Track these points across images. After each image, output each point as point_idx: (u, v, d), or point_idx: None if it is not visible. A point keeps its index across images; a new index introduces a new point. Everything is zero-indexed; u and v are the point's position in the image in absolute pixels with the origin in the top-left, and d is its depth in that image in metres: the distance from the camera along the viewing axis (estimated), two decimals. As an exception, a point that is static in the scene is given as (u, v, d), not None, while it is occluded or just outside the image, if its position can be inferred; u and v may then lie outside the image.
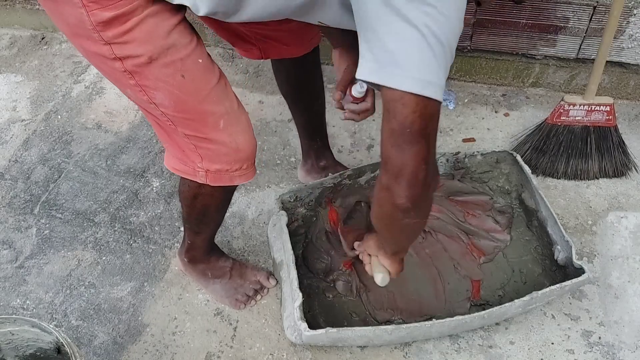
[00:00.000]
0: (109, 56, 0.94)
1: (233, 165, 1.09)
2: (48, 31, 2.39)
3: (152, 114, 1.06)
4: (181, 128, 1.04)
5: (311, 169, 1.67)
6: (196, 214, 1.25)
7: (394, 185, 0.87)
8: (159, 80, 0.96)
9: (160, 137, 1.14)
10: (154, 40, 0.93)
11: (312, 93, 1.50)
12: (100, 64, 0.98)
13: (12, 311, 1.47)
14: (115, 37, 0.91)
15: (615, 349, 1.33)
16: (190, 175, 1.12)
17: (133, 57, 0.93)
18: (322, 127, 1.62)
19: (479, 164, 1.58)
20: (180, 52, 0.96)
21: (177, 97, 0.98)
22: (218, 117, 1.03)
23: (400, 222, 0.93)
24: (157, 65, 0.95)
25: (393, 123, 0.82)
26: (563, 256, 1.36)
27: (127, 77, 0.97)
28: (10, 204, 1.73)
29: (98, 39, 0.91)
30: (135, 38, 0.92)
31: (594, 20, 1.73)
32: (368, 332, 1.22)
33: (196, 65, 0.99)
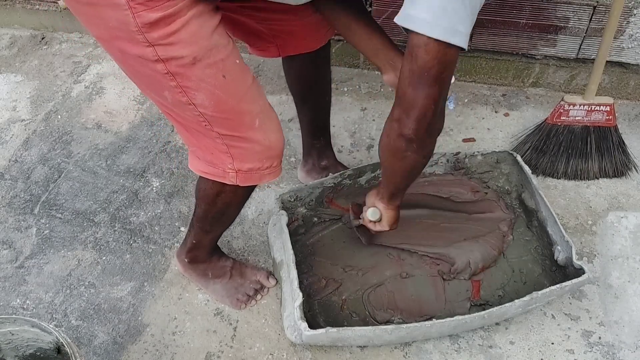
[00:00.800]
0: (152, 58, 0.93)
1: (264, 163, 1.11)
2: (48, 31, 2.39)
3: (183, 117, 1.05)
4: (217, 128, 1.04)
5: (312, 169, 1.67)
6: (215, 211, 1.25)
7: (404, 117, 0.97)
8: (202, 81, 0.97)
9: (187, 141, 1.14)
10: (199, 41, 0.94)
11: (321, 89, 1.52)
12: (140, 66, 0.98)
13: (12, 311, 1.47)
14: (160, 38, 0.91)
15: (615, 349, 1.33)
16: (219, 177, 1.13)
17: (177, 58, 0.94)
18: (327, 125, 1.62)
19: (479, 164, 1.58)
20: (221, 52, 0.98)
21: (218, 97, 1.00)
22: (254, 116, 1.06)
23: (402, 152, 1.03)
24: (201, 66, 0.96)
25: (414, 65, 0.91)
26: (563, 256, 1.36)
27: (169, 79, 0.97)
28: (10, 204, 1.73)
29: (142, 41, 0.91)
30: (181, 39, 0.92)
31: (594, 20, 1.73)
32: (368, 332, 1.22)
33: (235, 66, 1.01)
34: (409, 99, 0.95)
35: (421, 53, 0.89)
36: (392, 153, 1.06)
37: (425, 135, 1.00)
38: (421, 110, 0.95)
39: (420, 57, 0.89)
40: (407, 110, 0.96)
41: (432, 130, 1.00)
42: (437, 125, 1.01)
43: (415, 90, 0.93)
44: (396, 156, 1.06)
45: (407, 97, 0.95)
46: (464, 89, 2.01)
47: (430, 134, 1.01)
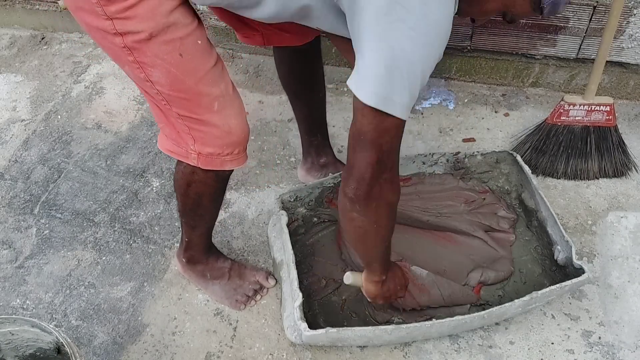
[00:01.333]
0: (110, 31, 0.95)
1: (224, 149, 1.11)
2: (48, 31, 2.39)
3: (148, 93, 1.06)
4: (175, 108, 1.05)
5: (311, 168, 1.67)
6: (190, 203, 1.25)
7: (346, 177, 0.99)
8: (157, 57, 0.98)
9: (156, 118, 1.15)
10: (156, 17, 0.94)
11: (314, 85, 1.52)
12: (101, 39, 0.99)
13: (12, 311, 1.46)
14: (117, 12, 0.92)
15: (615, 349, 1.33)
16: (183, 157, 1.14)
17: (133, 33, 0.95)
18: (323, 122, 1.62)
19: (479, 164, 1.58)
20: (181, 31, 0.98)
21: (174, 76, 1.00)
22: (213, 99, 1.05)
23: (349, 213, 1.02)
24: (157, 42, 0.96)
25: (353, 128, 0.94)
26: (563, 256, 1.36)
27: (126, 53, 0.98)
28: (10, 204, 1.73)
29: (101, 14, 0.93)
30: (137, 14, 0.93)
31: (594, 20, 1.73)
32: (368, 332, 1.22)
33: (195, 46, 1.01)
34: (350, 159, 0.96)
35: (359, 116, 0.90)
36: (342, 214, 1.05)
37: (366, 198, 0.97)
38: (358, 172, 0.95)
39: (358, 121, 0.91)
40: (348, 170, 0.97)
41: (374, 195, 0.97)
42: (379, 191, 0.97)
43: (354, 151, 0.95)
44: (345, 217, 1.04)
45: (349, 157, 0.97)
46: (464, 89, 2.01)
47: (372, 199, 0.98)
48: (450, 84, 2.03)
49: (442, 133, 1.85)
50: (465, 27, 1.85)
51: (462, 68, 2.00)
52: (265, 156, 1.81)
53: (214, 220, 1.37)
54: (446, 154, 1.57)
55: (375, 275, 1.18)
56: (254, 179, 1.75)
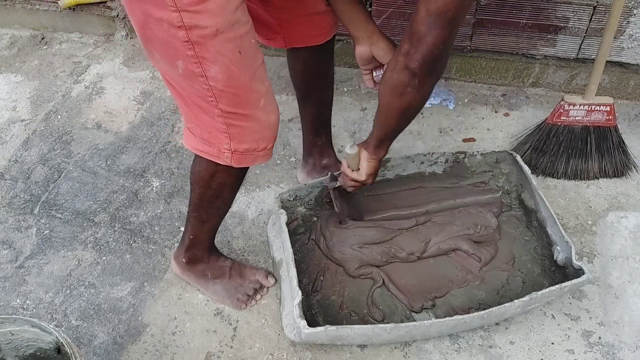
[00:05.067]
0: (176, 24, 0.94)
1: (260, 144, 1.14)
2: (48, 31, 2.39)
3: (189, 91, 1.06)
4: (222, 104, 1.06)
5: (312, 170, 1.67)
6: (210, 194, 1.26)
7: (412, 51, 1.01)
8: (219, 53, 0.98)
9: (185, 116, 1.15)
10: (224, 13, 0.95)
11: (325, 83, 1.54)
12: (160, 31, 0.97)
13: (12, 311, 1.47)
14: (189, 4, 0.92)
15: (615, 349, 1.33)
16: (214, 156, 1.15)
17: (201, 27, 0.95)
18: (329, 121, 1.63)
19: (478, 163, 1.58)
20: (242, 28, 1.00)
21: (232, 72, 1.01)
22: (260, 95, 1.08)
23: (404, 88, 1.07)
24: (222, 39, 0.97)
25: (432, 5, 0.95)
26: (563, 257, 1.36)
27: (187, 47, 0.97)
28: (10, 204, 1.73)
29: (169, 5, 0.92)
30: (208, 9, 0.93)
31: (594, 20, 1.73)
32: (367, 330, 1.22)
33: (251, 44, 1.03)
34: (420, 35, 0.98)
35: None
36: (393, 88, 1.09)
37: (429, 71, 1.04)
38: (430, 47, 0.99)
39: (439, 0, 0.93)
40: (417, 45, 1.00)
41: (436, 68, 1.05)
42: (440, 65, 1.05)
43: (429, 29, 0.97)
44: (396, 91, 1.09)
45: (419, 33, 0.99)
46: (464, 89, 2.01)
47: (433, 72, 1.05)
48: (450, 84, 2.03)
49: (442, 133, 1.85)
50: (465, 27, 1.85)
51: (462, 68, 2.00)
52: (266, 156, 1.81)
53: (225, 214, 1.38)
54: (445, 154, 1.57)
55: (382, 152, 1.27)
56: (254, 179, 1.75)
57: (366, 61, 1.25)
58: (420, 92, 1.09)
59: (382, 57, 1.22)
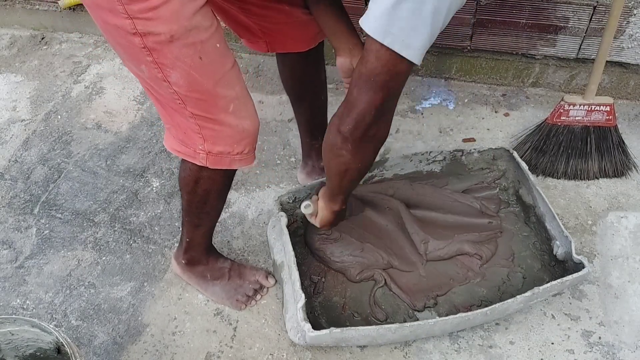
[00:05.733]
0: (130, 31, 0.94)
1: (235, 148, 1.12)
2: (48, 31, 2.39)
3: (159, 93, 1.06)
4: (190, 108, 1.05)
5: (312, 171, 1.66)
6: (197, 200, 1.25)
7: (344, 115, 0.98)
8: (178, 59, 0.97)
9: (162, 117, 1.14)
10: (179, 20, 0.94)
11: (316, 88, 1.52)
12: (119, 37, 0.98)
13: (12, 311, 1.47)
14: (140, 12, 0.91)
15: (615, 349, 1.33)
16: (190, 156, 1.14)
17: (155, 34, 0.94)
18: (324, 125, 1.61)
19: (475, 161, 1.58)
20: (202, 34, 0.97)
21: (193, 78, 1.00)
22: (229, 101, 1.06)
23: (338, 150, 1.03)
24: (178, 45, 0.95)
25: (363, 68, 0.92)
26: (562, 251, 1.36)
27: (145, 54, 0.97)
28: (10, 204, 1.73)
29: (122, 12, 0.91)
30: (161, 16, 0.92)
31: (594, 20, 1.73)
32: (372, 331, 1.22)
33: (214, 49, 1.01)
34: (353, 98, 0.96)
35: (372, 58, 0.90)
36: (329, 148, 1.06)
37: (361, 138, 0.99)
38: (360, 112, 0.96)
39: (370, 62, 0.90)
40: (349, 108, 0.97)
41: (369, 135, 1.00)
42: (375, 132, 1.00)
43: (360, 92, 0.94)
44: (332, 152, 1.06)
45: (352, 96, 0.96)
46: (464, 89, 2.01)
47: (366, 138, 1.00)
48: (450, 84, 2.03)
49: (442, 133, 1.85)
50: (465, 27, 1.85)
51: (462, 68, 2.00)
52: (265, 156, 1.81)
53: (218, 218, 1.37)
54: (443, 152, 1.57)
55: (336, 205, 1.21)
56: (254, 179, 1.75)
57: (347, 73, 1.22)
58: (357, 156, 1.04)
59: None
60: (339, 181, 1.14)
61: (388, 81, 0.91)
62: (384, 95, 0.93)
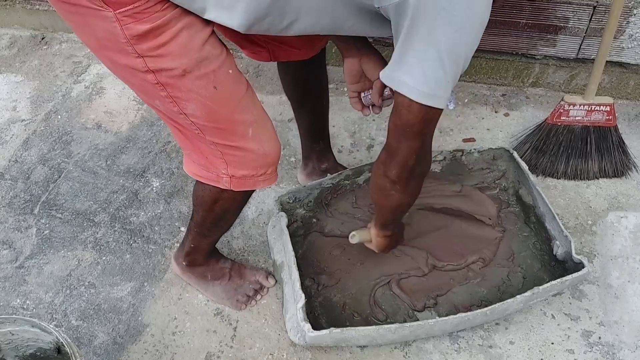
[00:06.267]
0: (141, 69, 0.93)
1: (259, 171, 1.11)
2: (48, 31, 2.39)
3: (178, 123, 1.05)
4: (209, 137, 1.04)
5: (312, 172, 1.66)
6: (213, 217, 1.25)
7: (388, 162, 1.05)
8: (192, 92, 0.97)
9: (181, 144, 1.14)
10: (189, 53, 0.93)
11: (318, 93, 1.51)
12: (130, 76, 0.97)
13: (12, 311, 1.47)
14: (149, 50, 0.91)
15: (615, 349, 1.33)
16: (213, 181, 1.13)
17: (167, 70, 0.93)
18: (325, 128, 1.61)
19: (475, 161, 1.58)
20: (213, 64, 0.97)
21: (209, 108, 0.99)
22: (247, 126, 1.05)
23: (387, 192, 1.10)
24: (191, 77, 0.95)
25: (398, 121, 0.98)
26: (562, 251, 1.36)
27: (159, 89, 0.96)
28: (10, 204, 1.73)
29: (131, 52, 0.91)
30: (170, 51, 0.92)
31: (594, 20, 1.73)
32: (372, 331, 1.22)
33: (227, 76, 1.00)
34: (393, 148, 1.02)
35: (404, 112, 0.95)
36: (378, 191, 1.12)
37: (408, 179, 1.07)
38: (403, 158, 1.02)
39: (403, 115, 0.95)
40: (391, 156, 1.04)
41: (415, 174, 1.07)
42: (419, 169, 1.07)
43: (399, 142, 1.00)
44: (382, 194, 1.12)
45: (392, 146, 1.02)
46: (464, 89, 2.01)
47: (412, 177, 1.07)
48: (450, 84, 2.03)
49: (442, 133, 1.85)
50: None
51: (462, 68, 2.00)
52: (266, 156, 1.81)
53: (228, 230, 1.38)
54: (443, 152, 1.57)
55: (388, 231, 1.27)
56: (254, 179, 1.75)
57: (355, 78, 1.21)
58: (406, 192, 1.10)
59: (371, 72, 1.19)
60: (392, 216, 1.22)
61: (422, 129, 0.98)
62: (421, 140, 1.00)
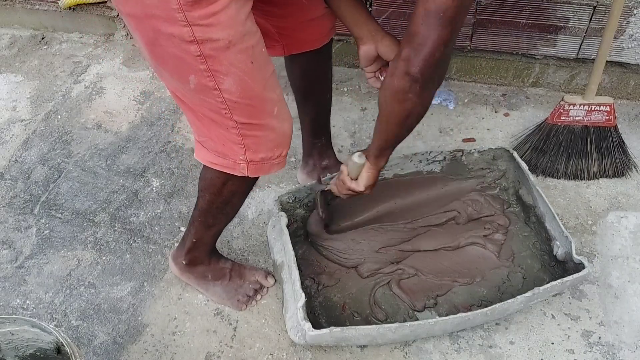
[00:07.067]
0: (187, 39, 0.93)
1: (275, 152, 1.13)
2: (48, 31, 2.39)
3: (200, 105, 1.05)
4: (237, 116, 1.05)
5: (312, 170, 1.66)
6: (220, 202, 1.25)
7: (412, 56, 0.96)
8: (232, 65, 0.97)
9: (197, 130, 1.14)
10: (235, 25, 0.94)
11: (323, 86, 1.53)
12: (171, 47, 0.96)
13: (12, 311, 1.47)
14: (200, 18, 0.91)
15: (615, 349, 1.33)
16: (229, 168, 1.14)
17: (213, 40, 0.93)
18: (328, 123, 1.63)
19: (476, 161, 1.58)
20: (253, 39, 0.99)
21: (245, 83, 1.00)
22: (274, 104, 1.08)
23: (404, 94, 1.02)
24: (234, 50, 0.96)
25: (431, 5, 0.91)
26: (562, 251, 1.36)
27: (200, 62, 0.96)
28: (10, 204, 1.73)
29: (181, 20, 0.90)
30: (220, 22, 0.92)
31: (594, 20, 1.73)
32: (372, 330, 1.22)
33: (262, 54, 1.03)
34: (421, 38, 0.94)
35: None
36: (393, 94, 1.04)
37: (431, 76, 0.99)
38: (431, 50, 0.95)
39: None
40: (417, 49, 0.95)
41: (438, 73, 1.01)
42: (443, 69, 1.01)
43: (429, 29, 0.93)
44: (396, 98, 1.04)
45: (419, 36, 0.94)
46: (464, 89, 2.01)
47: (434, 77, 1.01)
48: (450, 84, 2.03)
49: (442, 133, 1.85)
50: (465, 27, 1.85)
51: (462, 68, 2.00)
52: (266, 156, 1.81)
53: (232, 219, 1.37)
54: (443, 152, 1.57)
55: (382, 162, 1.21)
56: (254, 179, 1.75)
57: (371, 61, 1.21)
58: (422, 98, 1.04)
59: (387, 54, 1.18)
60: (397, 130, 1.13)
61: (456, 15, 0.91)
62: (452, 29, 0.93)
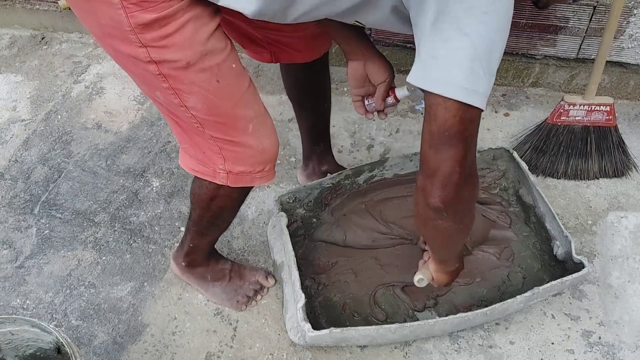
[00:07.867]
0: (144, 59, 0.92)
1: (256, 167, 1.10)
2: (48, 31, 2.39)
3: (177, 116, 1.04)
4: (209, 131, 1.03)
5: (312, 173, 1.66)
6: (209, 216, 1.24)
7: (428, 185, 0.90)
8: (194, 84, 0.95)
9: (179, 138, 1.13)
10: (193, 46, 0.92)
11: (320, 96, 1.50)
12: (132, 66, 0.97)
13: (12, 311, 1.47)
14: (153, 40, 0.90)
15: (615, 349, 1.33)
16: (209, 176, 1.12)
17: (170, 61, 0.92)
18: (327, 130, 1.61)
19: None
20: (217, 57, 0.96)
21: (211, 102, 0.98)
22: (248, 121, 1.04)
23: (433, 222, 0.95)
24: (194, 70, 0.94)
25: (433, 125, 0.85)
26: (562, 251, 1.36)
27: (160, 80, 0.95)
28: (10, 204, 1.73)
29: (134, 41, 0.90)
30: (175, 43, 0.90)
31: (594, 20, 1.73)
32: (372, 331, 1.22)
33: (230, 71, 0.99)
34: (431, 163, 0.88)
35: (440, 112, 0.83)
36: (424, 223, 0.98)
37: (455, 201, 0.90)
38: (446, 175, 0.87)
39: (439, 116, 0.83)
40: (431, 176, 0.89)
41: (462, 194, 0.90)
42: (467, 189, 0.91)
43: (437, 152, 0.86)
44: (428, 226, 0.98)
45: (429, 161, 0.88)
46: (464, 89, 2.00)
47: (460, 202, 0.91)
48: (450, 84, 2.03)
49: (442, 133, 1.85)
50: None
51: (462, 68, 2.00)
52: (266, 156, 1.81)
53: (226, 229, 1.37)
54: None
55: (450, 266, 1.15)
56: (254, 179, 1.75)
57: (359, 81, 1.17)
58: (456, 220, 0.95)
59: (375, 76, 1.15)
60: (447, 250, 1.09)
61: (463, 131, 0.84)
62: (464, 147, 0.86)
